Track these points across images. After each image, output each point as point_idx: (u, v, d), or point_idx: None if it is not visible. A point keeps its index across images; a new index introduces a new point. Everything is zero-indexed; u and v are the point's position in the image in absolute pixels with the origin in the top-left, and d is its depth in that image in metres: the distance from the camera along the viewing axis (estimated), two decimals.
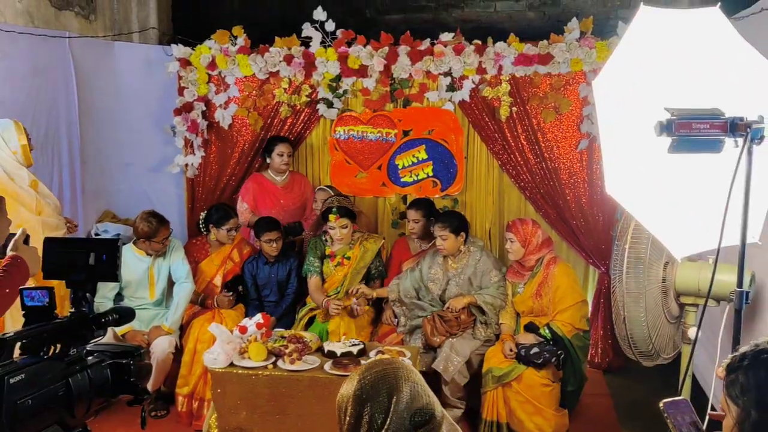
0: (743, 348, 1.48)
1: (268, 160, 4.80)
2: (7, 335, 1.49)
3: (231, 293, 4.40)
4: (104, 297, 4.03)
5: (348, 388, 1.58)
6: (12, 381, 1.41)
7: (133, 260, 4.15)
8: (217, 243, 4.50)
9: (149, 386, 3.95)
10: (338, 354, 3.41)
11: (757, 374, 1.41)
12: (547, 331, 3.83)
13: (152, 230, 4.05)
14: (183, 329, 4.22)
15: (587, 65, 4.53)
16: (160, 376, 4.04)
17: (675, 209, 2.25)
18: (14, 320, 3.12)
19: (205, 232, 4.51)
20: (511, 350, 3.81)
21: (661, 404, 1.62)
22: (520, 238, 3.97)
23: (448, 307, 4.03)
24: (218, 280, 4.47)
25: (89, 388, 1.63)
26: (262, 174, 4.89)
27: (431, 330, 3.97)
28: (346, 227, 4.25)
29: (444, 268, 4.19)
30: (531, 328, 3.89)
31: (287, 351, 3.40)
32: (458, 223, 4.12)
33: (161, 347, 3.98)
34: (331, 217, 4.20)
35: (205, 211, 4.56)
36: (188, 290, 4.21)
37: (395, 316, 4.30)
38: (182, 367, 4.07)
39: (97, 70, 5.06)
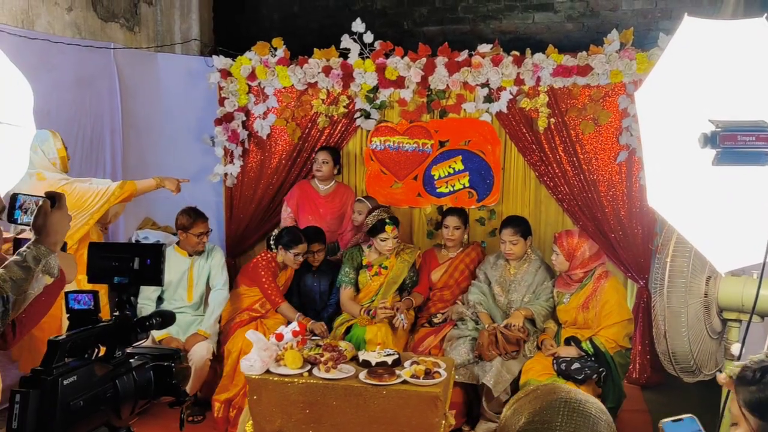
0: (754, 357, 1.44)
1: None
2: (60, 338, 1.53)
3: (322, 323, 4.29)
4: (147, 299, 4.13)
5: (513, 420, 1.28)
6: (65, 382, 1.45)
7: (174, 260, 4.25)
8: (283, 265, 4.44)
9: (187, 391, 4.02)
10: (373, 364, 3.42)
11: None
12: (589, 345, 3.76)
13: (189, 222, 4.21)
14: (221, 338, 4.27)
15: (627, 77, 4.49)
16: (197, 383, 4.09)
17: (719, 222, 2.21)
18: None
19: (274, 250, 4.44)
20: (552, 345, 3.86)
21: (660, 424, 1.47)
22: (564, 252, 3.93)
23: (507, 325, 3.98)
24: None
25: (134, 390, 1.67)
26: (309, 181, 4.98)
27: (488, 345, 3.89)
28: (397, 237, 4.32)
29: (505, 272, 4.20)
30: (572, 341, 3.84)
31: (323, 359, 3.41)
32: (526, 227, 4.16)
33: (199, 354, 4.04)
34: (388, 228, 4.25)
35: (277, 231, 4.53)
36: (224, 297, 4.29)
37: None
38: (224, 377, 4.10)
39: (141, 80, 5.18)
